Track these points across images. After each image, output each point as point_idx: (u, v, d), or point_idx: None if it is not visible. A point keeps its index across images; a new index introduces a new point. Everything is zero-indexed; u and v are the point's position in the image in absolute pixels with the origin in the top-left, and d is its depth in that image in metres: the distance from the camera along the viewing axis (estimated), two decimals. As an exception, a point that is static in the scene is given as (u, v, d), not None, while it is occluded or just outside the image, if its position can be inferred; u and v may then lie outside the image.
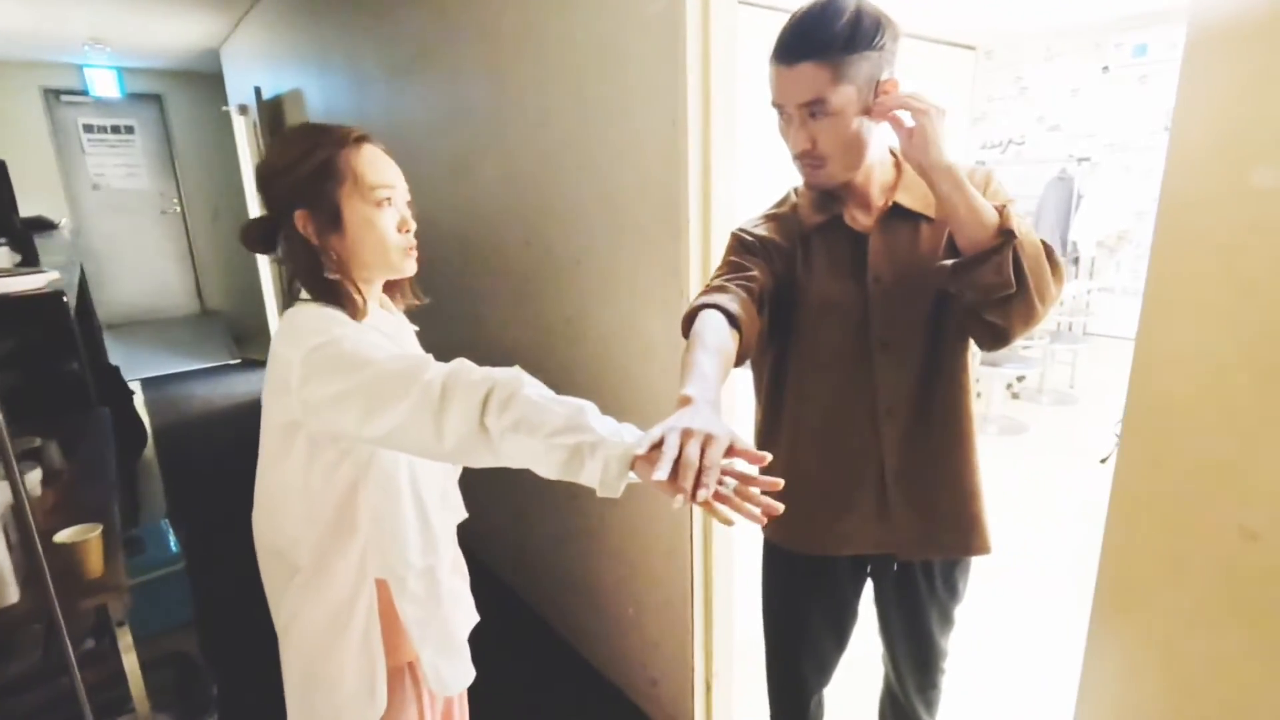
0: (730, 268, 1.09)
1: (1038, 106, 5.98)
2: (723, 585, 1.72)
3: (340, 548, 0.96)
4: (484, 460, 0.81)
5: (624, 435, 0.75)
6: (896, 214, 1.06)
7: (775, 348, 1.15)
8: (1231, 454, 0.72)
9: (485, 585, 1.22)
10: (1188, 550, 0.77)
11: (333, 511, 0.95)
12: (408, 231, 0.99)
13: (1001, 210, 0.93)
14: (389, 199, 0.97)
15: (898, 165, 1.09)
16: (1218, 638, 0.75)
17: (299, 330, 0.90)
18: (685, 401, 0.76)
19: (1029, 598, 2.43)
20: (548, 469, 0.77)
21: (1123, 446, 0.85)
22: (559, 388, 0.92)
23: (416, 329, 1.15)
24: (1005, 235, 0.91)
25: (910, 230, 1.06)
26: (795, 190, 1.17)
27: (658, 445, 0.69)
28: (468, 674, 1.12)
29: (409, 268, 1.01)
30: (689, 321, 0.99)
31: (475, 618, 1.18)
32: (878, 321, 1.06)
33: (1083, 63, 5.64)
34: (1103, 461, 3.27)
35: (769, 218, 1.15)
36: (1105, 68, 5.52)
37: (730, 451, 0.69)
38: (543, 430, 0.75)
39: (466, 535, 1.17)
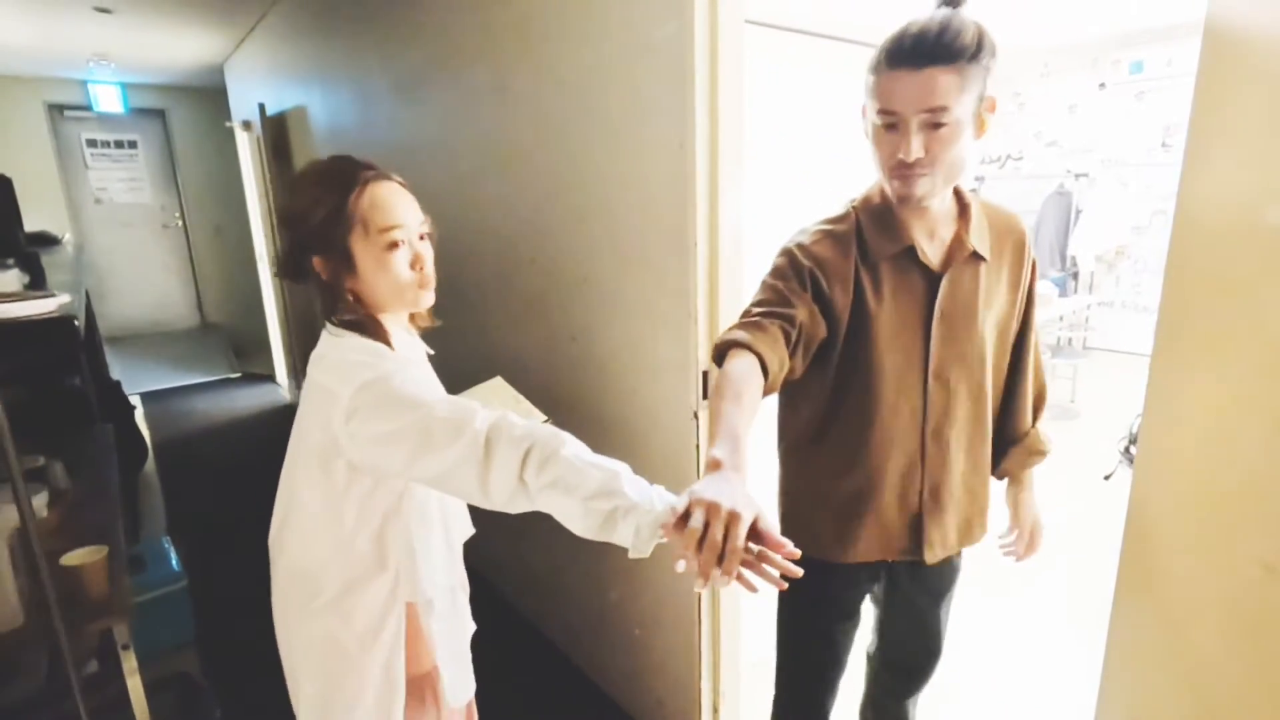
0: (774, 298, 1.05)
1: (1036, 122, 6.03)
2: (730, 605, 1.71)
3: (371, 576, 0.98)
4: (522, 508, 0.84)
5: (654, 500, 0.78)
6: (969, 257, 1.08)
7: (824, 368, 1.12)
8: (1249, 488, 0.72)
9: (489, 603, 1.24)
10: (1207, 585, 0.76)
11: (365, 541, 0.97)
12: (420, 268, 1.00)
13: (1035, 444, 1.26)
14: (398, 240, 0.97)
15: (958, 198, 1.11)
16: (1240, 671, 0.75)
17: (345, 364, 0.93)
18: (714, 466, 0.76)
19: (1034, 616, 2.42)
20: (582, 529, 0.80)
21: (1136, 480, 0.85)
22: (564, 406, 0.94)
23: (431, 352, 1.17)
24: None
25: (973, 271, 1.09)
26: (855, 207, 1.12)
27: (684, 517, 0.70)
28: (472, 684, 1.18)
29: (424, 301, 1.03)
30: (721, 350, 1.00)
31: (473, 626, 1.22)
32: (936, 354, 1.09)
33: (1080, 79, 5.69)
34: (1106, 478, 3.26)
35: (827, 235, 1.10)
36: (1102, 84, 5.57)
37: (753, 530, 0.70)
38: (579, 492, 0.78)
39: (471, 552, 1.18)
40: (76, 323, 1.92)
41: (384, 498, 0.97)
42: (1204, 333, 0.77)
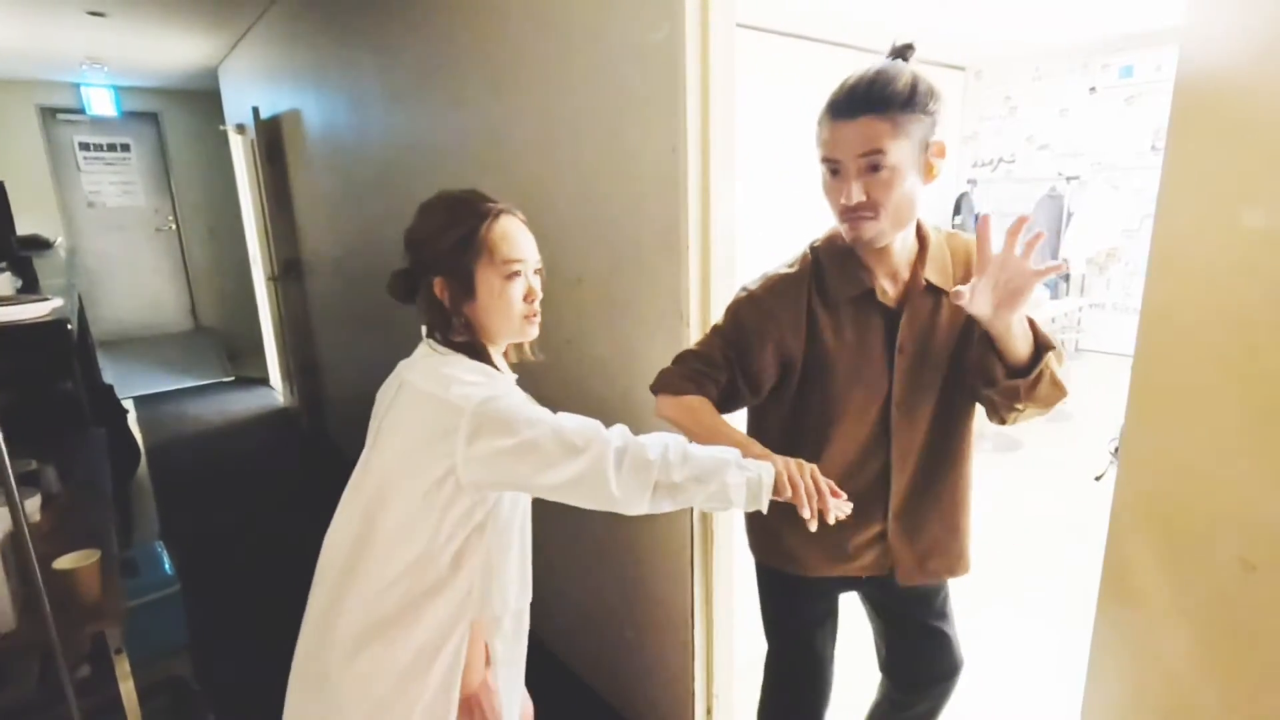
0: (710, 355, 1.14)
1: (1027, 126, 6.07)
2: (723, 607, 1.71)
3: (441, 589, 0.98)
4: (644, 511, 0.95)
5: (756, 466, 0.97)
6: (925, 289, 1.10)
7: (788, 403, 1.17)
8: (1228, 487, 0.73)
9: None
10: (1188, 583, 0.78)
11: (447, 555, 0.97)
12: (533, 300, 1.06)
13: (1037, 332, 1.02)
14: (519, 271, 1.03)
15: (919, 236, 1.13)
16: (1221, 668, 0.76)
17: (458, 380, 0.96)
18: (767, 455, 1.00)
19: (1025, 615, 2.44)
20: (722, 503, 0.95)
21: (1120, 479, 0.86)
22: (559, 409, 0.97)
23: (516, 376, 1.19)
24: (1042, 351, 1.00)
25: (933, 303, 1.11)
26: (814, 249, 1.16)
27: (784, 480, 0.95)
28: (519, 706, 1.18)
29: (530, 333, 1.09)
30: (659, 388, 1.14)
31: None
32: (900, 387, 1.11)
33: (1070, 83, 5.73)
34: (1097, 479, 3.28)
35: (781, 280, 1.15)
36: (1092, 88, 5.61)
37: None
38: (719, 476, 0.93)
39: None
40: (69, 326, 1.92)
41: (477, 514, 0.98)
42: (1184, 333, 0.78)
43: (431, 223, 1.04)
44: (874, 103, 0.95)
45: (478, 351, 1.03)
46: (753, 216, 1.44)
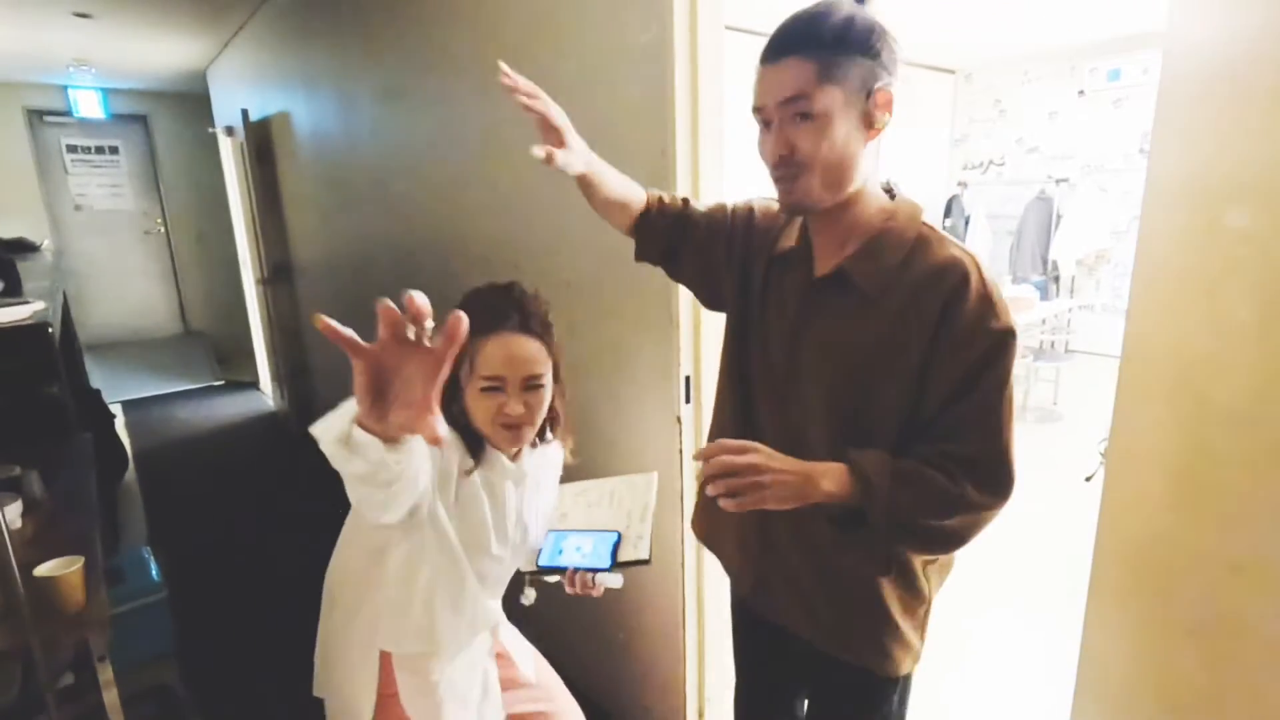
0: (705, 208, 1.15)
1: (1016, 128, 6.11)
2: (715, 610, 1.71)
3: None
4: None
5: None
6: (837, 280, 0.90)
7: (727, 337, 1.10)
8: (1215, 489, 0.73)
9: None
10: (1176, 585, 0.78)
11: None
12: (507, 414, 1.07)
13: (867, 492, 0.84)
14: (495, 387, 1.06)
15: (891, 219, 0.90)
16: (1209, 668, 0.76)
17: None
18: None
19: (1015, 615, 2.44)
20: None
21: (1107, 481, 0.86)
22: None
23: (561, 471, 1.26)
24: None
25: (857, 302, 0.89)
26: (780, 206, 1.03)
27: None
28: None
29: (508, 445, 1.12)
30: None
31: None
32: (779, 371, 0.97)
33: (1059, 86, 5.77)
34: (1087, 479, 3.29)
35: (753, 222, 1.07)
36: (1081, 91, 5.65)
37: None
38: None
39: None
40: (50, 330, 1.90)
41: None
42: (1170, 333, 0.78)
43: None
44: (797, 43, 0.82)
45: (467, 431, 1.10)
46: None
